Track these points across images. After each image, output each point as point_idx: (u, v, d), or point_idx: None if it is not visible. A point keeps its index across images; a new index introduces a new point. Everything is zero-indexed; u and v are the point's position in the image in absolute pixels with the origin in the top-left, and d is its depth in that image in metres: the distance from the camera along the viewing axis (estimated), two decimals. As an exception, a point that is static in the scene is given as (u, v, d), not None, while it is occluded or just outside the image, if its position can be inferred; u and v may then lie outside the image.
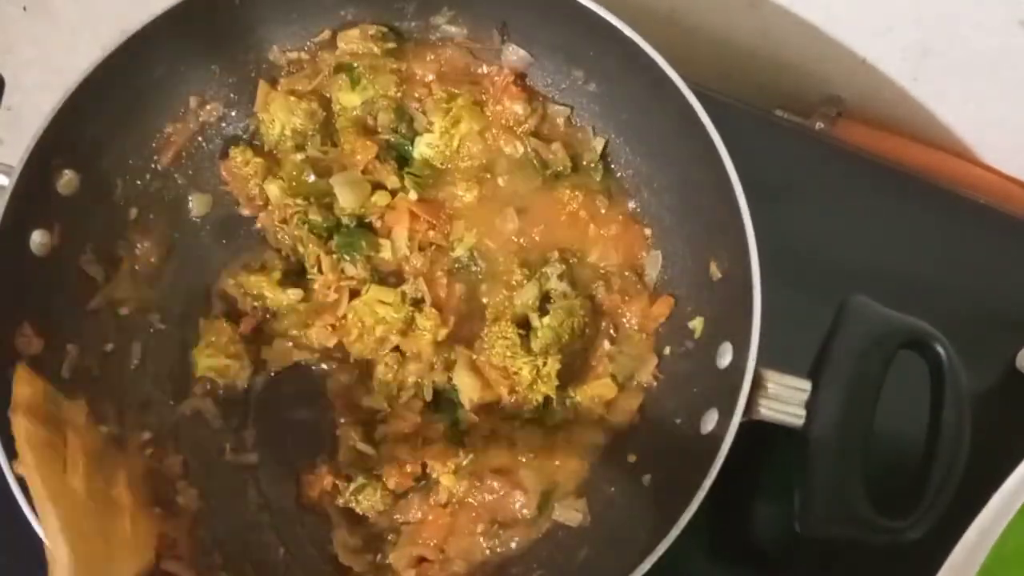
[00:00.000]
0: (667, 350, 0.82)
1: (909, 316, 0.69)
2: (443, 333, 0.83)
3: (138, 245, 0.85)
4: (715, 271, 0.78)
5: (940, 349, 0.68)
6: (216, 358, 0.84)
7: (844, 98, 0.99)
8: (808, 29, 0.94)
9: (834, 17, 0.92)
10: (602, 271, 0.85)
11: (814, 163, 0.93)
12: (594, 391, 0.82)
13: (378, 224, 0.86)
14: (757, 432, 0.68)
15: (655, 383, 0.82)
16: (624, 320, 0.84)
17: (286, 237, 0.87)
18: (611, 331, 0.84)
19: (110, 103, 0.80)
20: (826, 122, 0.97)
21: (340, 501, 0.81)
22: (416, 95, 0.88)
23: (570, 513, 0.80)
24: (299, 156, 0.87)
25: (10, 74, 0.79)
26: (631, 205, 0.86)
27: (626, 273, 0.85)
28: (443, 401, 0.84)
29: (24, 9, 1.09)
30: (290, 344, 0.86)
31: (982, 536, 0.65)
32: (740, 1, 0.94)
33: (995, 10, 0.84)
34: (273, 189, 0.86)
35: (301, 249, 0.86)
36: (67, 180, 0.78)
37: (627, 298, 0.84)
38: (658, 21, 0.98)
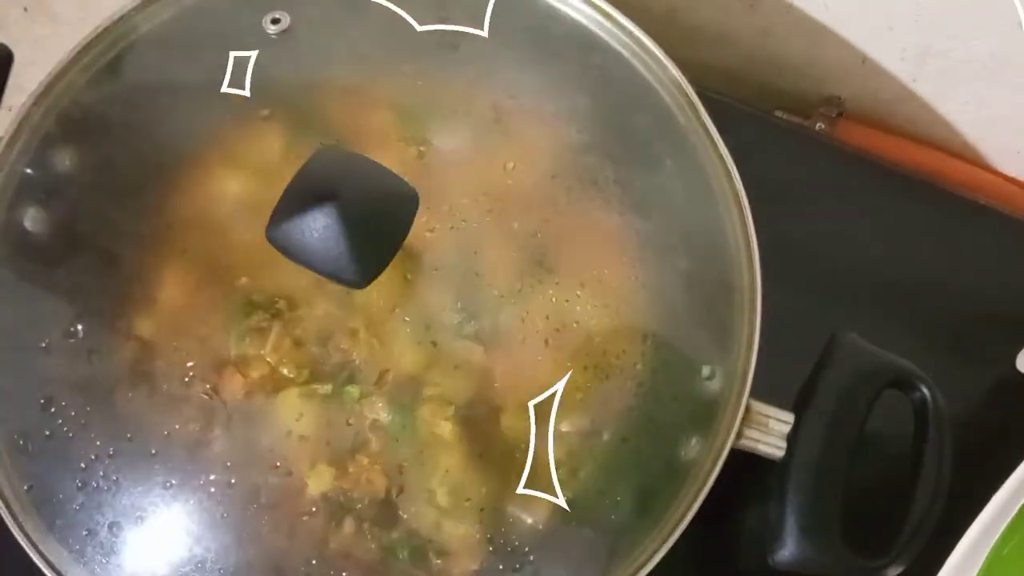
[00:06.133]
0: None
1: (896, 356, 0.69)
2: None
3: None
4: None
5: (925, 390, 0.68)
6: None
7: (844, 98, 0.99)
8: (808, 29, 0.94)
9: (834, 17, 0.92)
10: None
11: (814, 164, 0.93)
12: None
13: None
14: (740, 460, 0.66)
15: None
16: None
17: None
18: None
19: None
20: (826, 123, 0.97)
21: None
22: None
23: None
24: None
25: (10, 74, 0.79)
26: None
27: None
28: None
29: (24, 9, 1.09)
30: None
31: (982, 536, 0.65)
32: (740, 1, 0.94)
33: (995, 10, 0.84)
34: None
35: None
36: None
37: None
38: (658, 22, 0.97)
